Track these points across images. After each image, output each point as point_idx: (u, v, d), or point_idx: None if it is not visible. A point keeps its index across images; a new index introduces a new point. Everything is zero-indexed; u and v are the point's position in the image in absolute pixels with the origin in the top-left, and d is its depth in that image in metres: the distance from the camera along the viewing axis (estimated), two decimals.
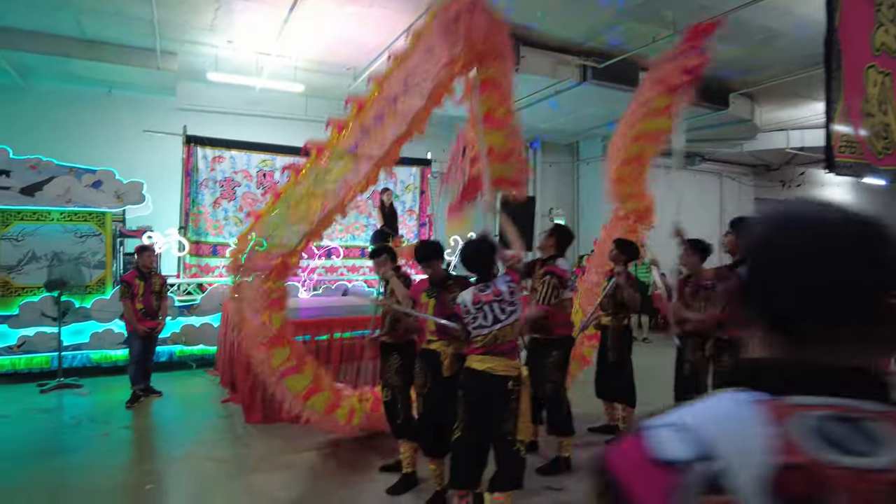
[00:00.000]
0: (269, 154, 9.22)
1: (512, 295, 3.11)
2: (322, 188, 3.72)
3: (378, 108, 3.74)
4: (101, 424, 5.28)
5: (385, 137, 3.69)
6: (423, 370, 3.63)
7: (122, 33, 7.92)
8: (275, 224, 3.77)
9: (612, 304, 4.80)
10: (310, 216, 3.72)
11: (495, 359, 3.07)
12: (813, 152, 14.45)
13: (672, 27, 7.44)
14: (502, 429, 3.02)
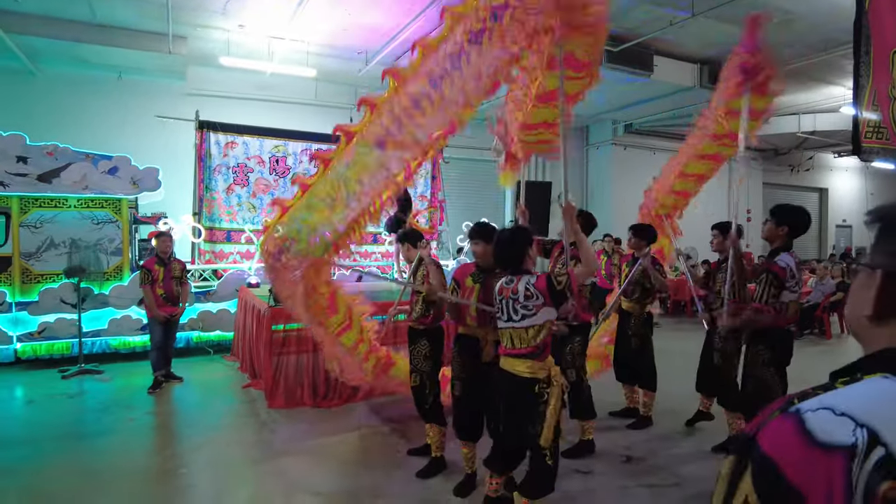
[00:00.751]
0: (281, 139, 9.18)
1: (527, 299, 2.82)
2: (343, 190, 3.20)
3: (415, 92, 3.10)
4: (125, 409, 5.33)
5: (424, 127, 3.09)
6: (461, 355, 3.64)
7: (133, 17, 7.86)
8: (297, 226, 3.27)
9: (639, 289, 4.83)
10: (331, 222, 3.21)
11: (520, 360, 2.87)
12: (824, 136, 14.36)
13: (690, 9, 7.36)
14: (530, 431, 2.84)
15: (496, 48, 2.91)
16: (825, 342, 9.01)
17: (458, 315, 3.72)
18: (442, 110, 3.05)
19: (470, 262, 3.86)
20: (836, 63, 9.73)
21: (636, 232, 4.91)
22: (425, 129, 3.08)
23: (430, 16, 7.63)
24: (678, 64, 9.53)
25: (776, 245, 3.72)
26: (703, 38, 8.63)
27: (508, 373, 2.92)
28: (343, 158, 3.26)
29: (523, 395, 2.87)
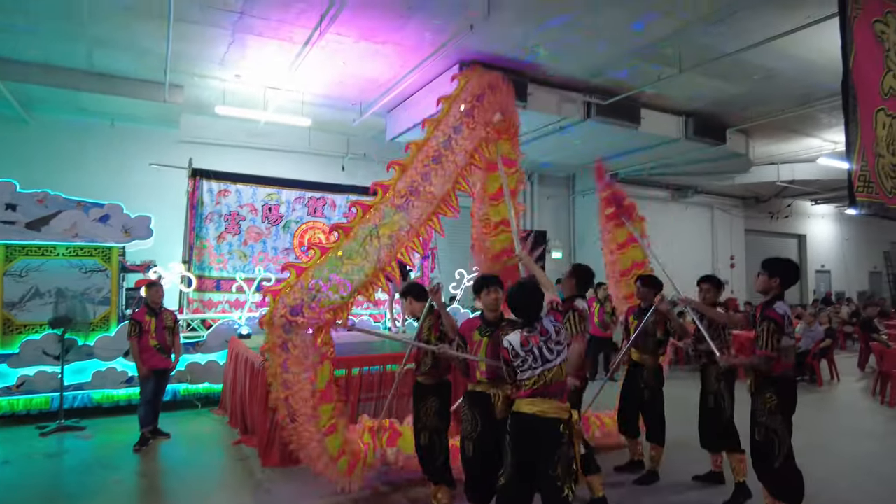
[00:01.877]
0: (274, 187, 9.17)
1: (558, 335, 3.09)
2: (376, 243, 3.83)
3: (423, 168, 4.17)
4: (109, 470, 5.06)
5: (433, 193, 4.14)
6: (472, 413, 3.54)
7: (131, 66, 7.91)
8: (327, 275, 3.68)
9: (651, 340, 4.81)
10: (366, 269, 3.78)
11: (545, 401, 3.00)
12: (802, 185, 14.82)
13: (677, 66, 7.63)
14: (550, 474, 2.91)
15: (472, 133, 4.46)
16: (817, 389, 9.02)
17: (467, 371, 3.64)
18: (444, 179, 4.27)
19: (474, 317, 3.83)
20: (814, 116, 10.13)
21: (645, 282, 4.94)
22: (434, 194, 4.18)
23: (425, 69, 7.80)
24: (664, 116, 9.82)
25: (771, 296, 3.82)
26: (688, 92, 8.93)
27: (531, 415, 3.00)
28: (371, 221, 3.95)
29: (548, 435, 2.96)
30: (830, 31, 5.92)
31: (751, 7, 6.30)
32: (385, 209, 3.97)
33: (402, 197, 4.03)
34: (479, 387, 3.55)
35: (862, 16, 5.25)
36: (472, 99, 4.49)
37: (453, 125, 4.35)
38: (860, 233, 21.06)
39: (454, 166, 4.26)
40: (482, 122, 4.50)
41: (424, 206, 4.09)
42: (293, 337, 3.61)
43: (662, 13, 6.42)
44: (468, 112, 4.41)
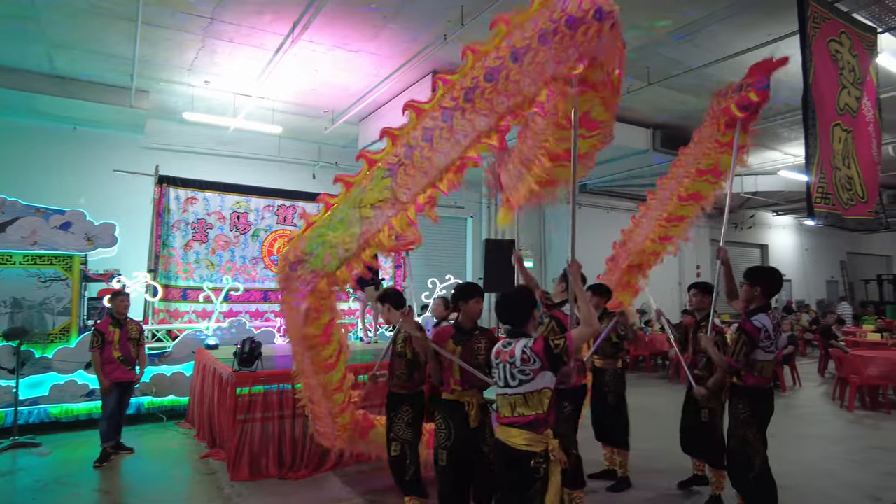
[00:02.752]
0: (243, 195, 9.02)
1: (524, 363, 2.69)
2: (357, 213, 3.17)
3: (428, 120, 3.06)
4: (68, 487, 4.85)
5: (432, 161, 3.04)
6: (447, 422, 3.51)
7: (95, 70, 7.73)
8: (316, 241, 3.25)
9: (608, 345, 4.87)
10: (345, 242, 3.17)
11: (517, 430, 2.70)
12: (765, 197, 15.29)
13: (646, 79, 7.82)
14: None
15: (511, 88, 2.86)
16: (781, 395, 9.25)
17: (440, 379, 3.61)
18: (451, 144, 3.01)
19: (447, 326, 3.79)
20: (775, 130, 10.49)
21: (595, 291, 4.96)
22: (433, 162, 3.05)
23: (398, 79, 7.82)
24: (633, 128, 10.04)
25: (754, 306, 3.79)
26: (656, 105, 9.16)
27: (503, 444, 2.75)
28: (362, 183, 3.24)
29: (518, 469, 2.69)
30: (789, 49, 6.15)
31: (716, 24, 6.51)
32: (376, 169, 3.18)
33: (395, 156, 3.13)
34: (453, 395, 3.53)
35: (819, 35, 5.48)
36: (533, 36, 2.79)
37: (490, 67, 2.87)
38: (819, 243, 21.81)
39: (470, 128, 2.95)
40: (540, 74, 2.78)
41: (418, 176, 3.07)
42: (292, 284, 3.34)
43: (631, 26, 6.58)
44: (516, 55, 2.81)
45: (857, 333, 12.33)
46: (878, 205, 6.15)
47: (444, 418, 3.52)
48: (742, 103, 4.10)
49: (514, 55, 2.81)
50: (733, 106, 4.16)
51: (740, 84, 4.20)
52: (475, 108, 2.92)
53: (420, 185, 3.07)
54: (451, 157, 3.01)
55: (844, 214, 5.76)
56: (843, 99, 5.78)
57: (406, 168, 3.07)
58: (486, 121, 2.93)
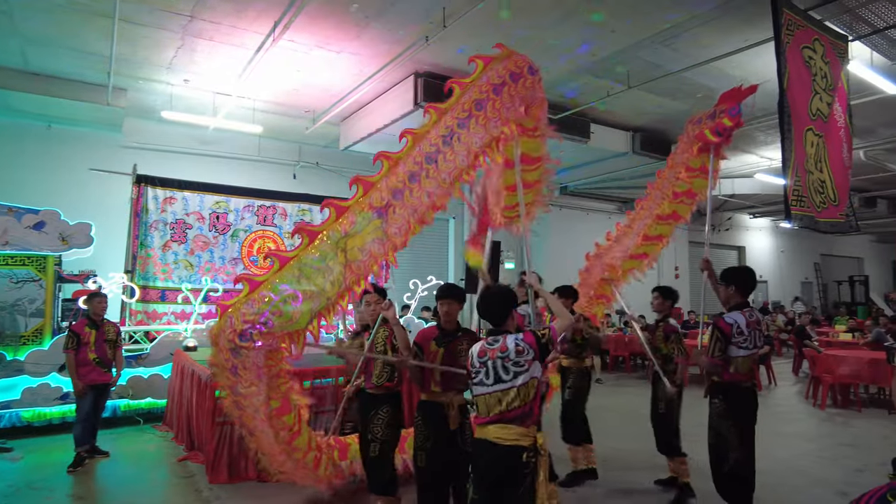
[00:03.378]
0: (223, 195, 8.92)
1: (518, 355, 2.73)
2: (342, 258, 3.15)
3: (412, 166, 3.35)
4: (41, 492, 4.75)
5: (421, 199, 3.33)
6: (426, 424, 3.51)
7: (71, 67, 7.59)
8: (283, 297, 3.07)
9: (574, 347, 4.98)
10: (327, 291, 3.13)
11: (504, 427, 2.70)
12: (742, 199, 15.55)
13: (626, 82, 7.92)
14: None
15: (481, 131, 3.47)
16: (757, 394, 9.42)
17: (421, 381, 3.60)
18: (437, 183, 3.37)
19: (430, 326, 3.80)
20: (751, 134, 10.69)
21: (561, 293, 5.02)
22: (422, 200, 3.35)
23: (380, 80, 7.81)
24: (613, 131, 10.15)
25: (732, 304, 3.88)
26: (636, 108, 9.28)
27: (488, 442, 2.71)
28: (340, 228, 3.23)
29: (507, 465, 2.67)
30: (765, 55, 6.30)
31: (695, 28, 6.61)
32: (360, 214, 3.24)
33: (382, 199, 3.26)
34: (433, 397, 3.53)
35: (793, 42, 5.60)
36: (488, 89, 3.49)
37: (458, 118, 3.44)
38: (794, 245, 22.26)
39: (452, 167, 3.40)
40: (499, 118, 3.50)
41: (407, 214, 3.31)
42: (243, 360, 3.20)
43: (610, 31, 6.66)
44: (480, 104, 3.46)
45: (830, 333, 12.63)
46: (848, 208, 6.31)
47: (423, 419, 3.52)
48: (717, 129, 4.34)
49: (479, 104, 3.48)
50: (708, 132, 4.42)
51: (713, 111, 4.47)
52: (454, 151, 3.42)
53: (411, 222, 3.35)
54: (437, 195, 3.41)
55: (818, 217, 5.90)
56: (816, 104, 5.91)
57: (395, 208, 3.29)
58: (465, 159, 3.44)
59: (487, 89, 3.49)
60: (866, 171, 12.54)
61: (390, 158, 3.36)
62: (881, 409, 8.06)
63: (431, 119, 3.46)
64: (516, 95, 3.54)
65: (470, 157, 3.44)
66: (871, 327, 11.13)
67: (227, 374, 3.32)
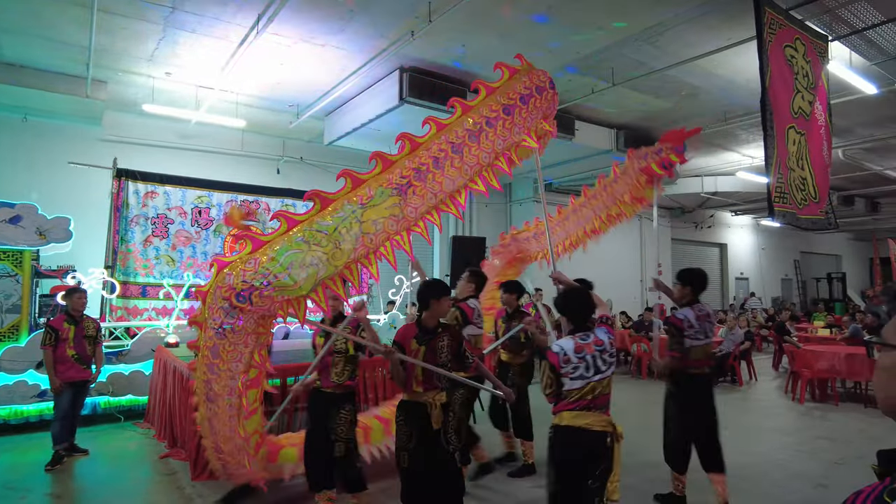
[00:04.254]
0: (205, 190, 8.81)
1: (612, 346, 3.03)
2: (356, 228, 3.09)
3: (437, 152, 3.38)
4: (17, 492, 4.66)
5: (442, 185, 3.37)
6: (408, 425, 3.48)
7: (48, 58, 7.43)
8: (288, 260, 2.97)
9: (516, 344, 5.03)
10: (334, 259, 3.05)
11: (592, 414, 2.91)
12: (724, 197, 15.73)
13: (610, 80, 7.95)
14: (591, 487, 2.86)
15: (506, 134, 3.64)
16: (738, 389, 9.56)
17: (404, 380, 3.51)
18: (460, 173, 3.45)
19: (410, 324, 3.70)
20: (733, 132, 10.81)
21: (508, 288, 5.13)
22: (442, 186, 3.40)
23: (365, 74, 7.76)
24: (597, 129, 10.20)
25: (683, 302, 4.24)
26: (619, 106, 9.33)
27: (579, 429, 2.91)
28: (356, 198, 3.17)
29: (595, 450, 2.90)
30: (748, 53, 6.36)
31: (679, 26, 6.66)
32: (379, 188, 3.17)
33: (403, 178, 3.24)
34: (415, 397, 3.46)
35: (775, 41, 5.67)
36: (516, 97, 3.66)
37: (487, 116, 3.54)
38: (775, 243, 22.59)
39: (475, 162, 3.49)
40: (523, 126, 3.69)
41: (428, 196, 3.31)
42: (234, 321, 3.07)
43: (596, 27, 6.68)
44: (508, 110, 3.61)
45: (809, 329, 12.85)
46: (828, 205, 6.41)
47: (406, 419, 3.46)
48: (663, 163, 4.70)
49: (507, 109, 3.62)
50: (655, 165, 4.69)
51: (658, 147, 4.81)
52: (480, 146, 3.52)
53: (427, 206, 3.38)
54: (457, 184, 3.49)
55: (799, 214, 5.99)
56: (797, 103, 5.99)
57: (415, 189, 3.28)
58: (488, 156, 3.57)
59: (515, 97, 3.66)
60: (845, 171, 12.77)
61: (413, 141, 3.36)
62: (857, 404, 8.22)
63: (457, 112, 3.55)
64: (540, 108, 3.79)
65: (492, 157, 3.57)
66: (849, 323, 11.35)
67: (212, 335, 3.17)
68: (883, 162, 12.96)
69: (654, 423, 4.13)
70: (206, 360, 3.31)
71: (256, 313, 3.09)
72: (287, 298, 3.06)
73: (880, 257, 20.77)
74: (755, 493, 4.68)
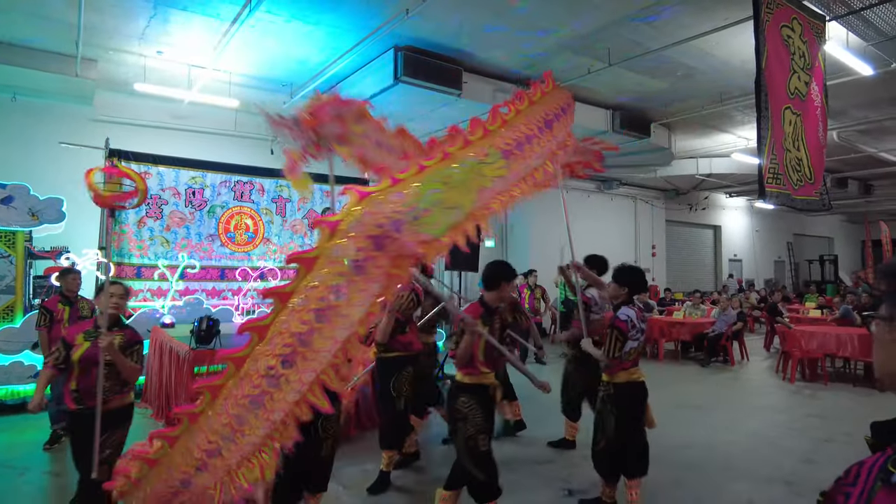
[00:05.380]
0: (199, 171, 8.75)
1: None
2: (477, 182, 2.94)
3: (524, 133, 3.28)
4: (15, 470, 4.71)
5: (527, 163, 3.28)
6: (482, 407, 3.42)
7: (36, 35, 7.30)
8: (433, 198, 2.71)
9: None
10: (465, 206, 2.84)
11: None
12: (718, 178, 15.75)
13: (606, 60, 7.90)
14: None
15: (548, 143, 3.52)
16: (730, 369, 9.68)
17: (470, 360, 3.41)
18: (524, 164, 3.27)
19: (475, 304, 3.56)
20: (729, 113, 10.79)
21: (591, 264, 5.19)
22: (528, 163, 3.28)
23: (359, 53, 7.68)
24: (593, 109, 10.15)
25: (619, 301, 3.88)
26: (615, 86, 9.28)
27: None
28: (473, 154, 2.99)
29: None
30: (744, 34, 6.32)
31: (676, 6, 6.60)
32: (491, 149, 3.04)
33: (508, 145, 3.12)
34: (478, 379, 3.43)
35: (773, 20, 5.63)
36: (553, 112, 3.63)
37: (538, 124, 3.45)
38: (768, 225, 22.70)
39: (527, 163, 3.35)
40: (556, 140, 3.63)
41: (522, 166, 3.21)
42: (374, 254, 2.52)
43: (593, 7, 6.61)
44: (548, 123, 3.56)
45: (800, 310, 12.98)
46: (822, 186, 6.44)
47: (478, 402, 3.37)
48: (584, 167, 4.50)
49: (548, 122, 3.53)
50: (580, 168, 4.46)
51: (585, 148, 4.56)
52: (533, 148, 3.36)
53: (519, 175, 3.26)
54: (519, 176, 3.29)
55: (794, 195, 6.01)
56: (794, 83, 5.98)
57: (516, 158, 3.18)
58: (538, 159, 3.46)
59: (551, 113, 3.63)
60: (839, 153, 12.79)
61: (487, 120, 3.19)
62: (846, 383, 8.34)
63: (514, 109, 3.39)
64: (566, 125, 3.86)
65: (541, 160, 3.46)
66: (840, 304, 11.47)
67: (339, 269, 2.48)
68: (877, 144, 12.99)
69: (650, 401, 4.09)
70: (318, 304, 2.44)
71: (396, 251, 2.64)
72: (425, 239, 2.72)
73: (872, 240, 20.94)
74: (745, 469, 4.78)
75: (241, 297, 8.70)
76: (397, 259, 2.64)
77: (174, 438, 2.41)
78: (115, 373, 3.45)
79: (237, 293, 8.81)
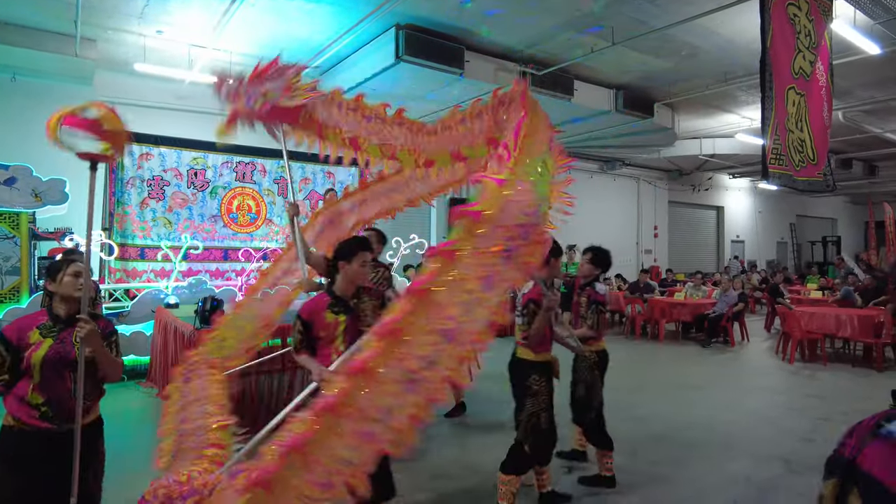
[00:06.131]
0: (201, 151, 8.74)
1: None
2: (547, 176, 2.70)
3: None
4: None
5: None
6: (549, 384, 3.52)
7: (34, 15, 7.23)
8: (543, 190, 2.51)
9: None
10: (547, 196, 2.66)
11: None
12: (722, 159, 15.67)
13: (610, 39, 7.82)
14: None
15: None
16: (730, 349, 9.74)
17: (543, 338, 3.50)
18: None
19: (538, 285, 3.46)
20: (733, 93, 10.69)
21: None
22: None
23: (360, 32, 7.61)
24: (596, 89, 10.07)
25: (589, 279, 4.17)
26: (620, 66, 9.19)
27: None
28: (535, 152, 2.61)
29: None
30: (750, 13, 6.23)
31: None
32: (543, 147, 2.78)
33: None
34: (546, 356, 3.53)
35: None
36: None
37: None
38: (771, 206, 22.62)
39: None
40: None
41: None
42: (524, 245, 2.38)
43: None
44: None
45: (802, 292, 13.01)
46: (826, 167, 6.42)
47: (547, 381, 3.47)
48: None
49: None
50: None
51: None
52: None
53: None
54: None
55: (796, 175, 6.00)
56: (798, 63, 5.93)
57: None
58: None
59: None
60: (843, 133, 12.69)
61: None
62: (845, 364, 8.40)
63: None
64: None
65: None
66: (841, 286, 11.48)
67: (488, 260, 2.30)
68: (883, 124, 12.88)
69: (651, 381, 4.16)
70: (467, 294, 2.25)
71: (536, 239, 2.47)
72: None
73: (876, 221, 20.86)
74: (745, 448, 4.84)
75: (244, 277, 8.75)
76: (535, 247, 2.49)
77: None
78: (93, 372, 2.60)
79: (240, 274, 8.87)
